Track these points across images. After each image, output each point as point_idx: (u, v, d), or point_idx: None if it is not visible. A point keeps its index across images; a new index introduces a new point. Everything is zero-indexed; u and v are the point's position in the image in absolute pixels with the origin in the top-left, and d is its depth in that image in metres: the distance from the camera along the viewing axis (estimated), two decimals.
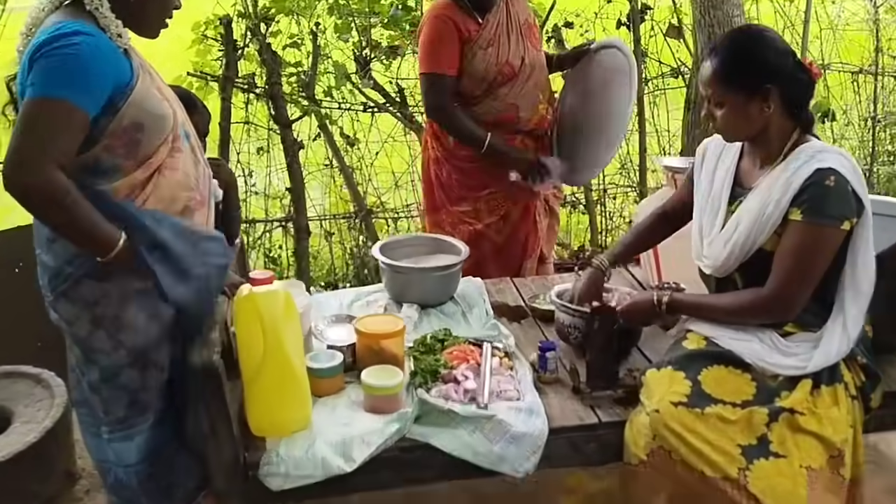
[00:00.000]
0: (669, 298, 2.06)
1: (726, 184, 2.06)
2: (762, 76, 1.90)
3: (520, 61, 2.98)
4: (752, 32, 2.07)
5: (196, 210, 1.97)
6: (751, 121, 1.93)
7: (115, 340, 1.89)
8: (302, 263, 4.16)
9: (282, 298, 1.91)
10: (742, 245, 1.94)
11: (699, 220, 2.12)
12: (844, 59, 4.97)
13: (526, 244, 3.16)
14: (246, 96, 4.21)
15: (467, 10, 2.95)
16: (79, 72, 1.71)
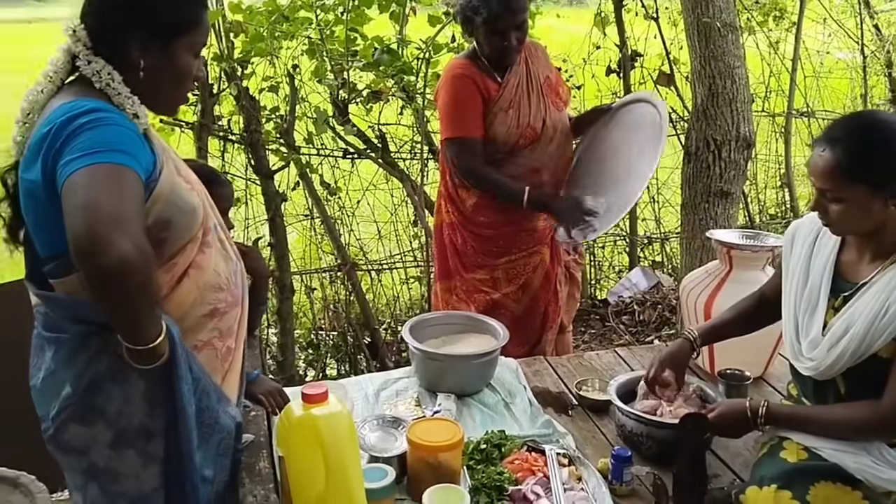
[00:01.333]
0: (767, 411, 1.86)
1: (826, 276, 1.89)
2: (891, 171, 1.73)
3: (541, 123, 2.82)
4: (876, 122, 1.85)
5: (226, 312, 1.68)
6: (871, 218, 1.76)
7: (146, 455, 1.56)
8: (286, 325, 3.86)
9: (346, 421, 1.65)
10: (854, 351, 1.77)
11: (793, 315, 1.94)
12: (827, 106, 4.97)
13: (546, 315, 2.98)
14: (222, 144, 3.91)
15: (486, 69, 2.79)
16: (124, 141, 1.43)
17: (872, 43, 5.05)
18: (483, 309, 2.86)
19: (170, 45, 1.55)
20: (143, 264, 1.32)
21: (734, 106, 3.82)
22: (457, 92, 2.76)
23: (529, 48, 2.86)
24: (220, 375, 1.68)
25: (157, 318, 1.44)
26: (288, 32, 3.93)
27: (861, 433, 1.77)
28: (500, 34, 2.67)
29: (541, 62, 2.90)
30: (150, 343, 1.42)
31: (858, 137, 1.76)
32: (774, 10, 4.81)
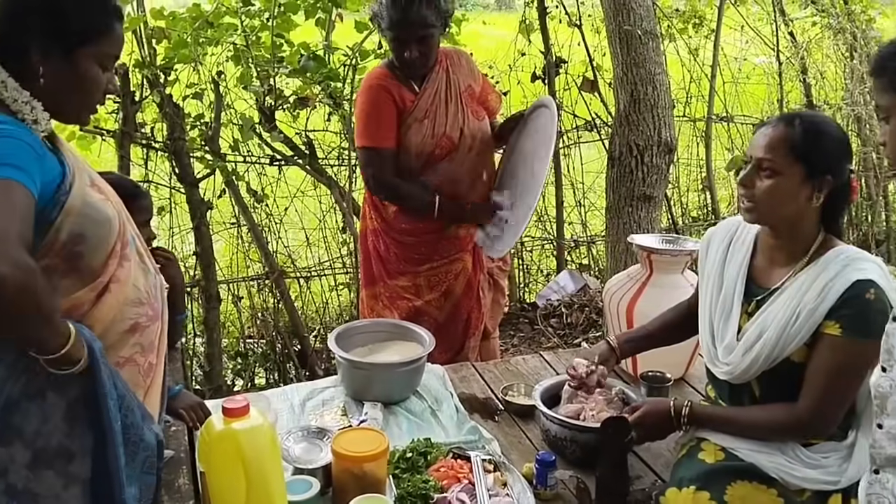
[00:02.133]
0: (689, 411, 1.90)
1: (739, 282, 1.94)
2: (830, 162, 1.80)
3: (459, 133, 2.80)
4: (830, 121, 1.96)
5: (147, 327, 1.64)
6: (795, 203, 1.81)
7: (66, 476, 1.50)
8: (213, 334, 3.79)
9: (267, 434, 1.64)
10: (767, 356, 1.82)
11: (709, 320, 1.99)
12: (745, 111, 5.13)
13: (468, 322, 2.97)
14: (145, 152, 3.83)
15: (403, 78, 2.78)
16: (16, 153, 1.37)
17: (788, 49, 5.24)
18: (406, 316, 2.85)
19: (73, 54, 1.49)
20: (20, 282, 1.28)
21: (656, 112, 3.92)
22: (370, 101, 2.77)
23: (451, 56, 2.85)
24: (143, 391, 1.65)
25: (56, 328, 1.39)
26: (212, 38, 3.87)
27: (777, 434, 1.83)
28: (402, 44, 2.66)
29: (463, 71, 2.88)
30: (56, 352, 1.39)
31: (813, 123, 1.82)
32: (694, 17, 4.95)
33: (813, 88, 5.26)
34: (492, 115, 2.98)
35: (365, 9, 4.38)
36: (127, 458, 1.56)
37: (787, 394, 1.82)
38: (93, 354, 1.46)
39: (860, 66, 4.97)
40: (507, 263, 3.21)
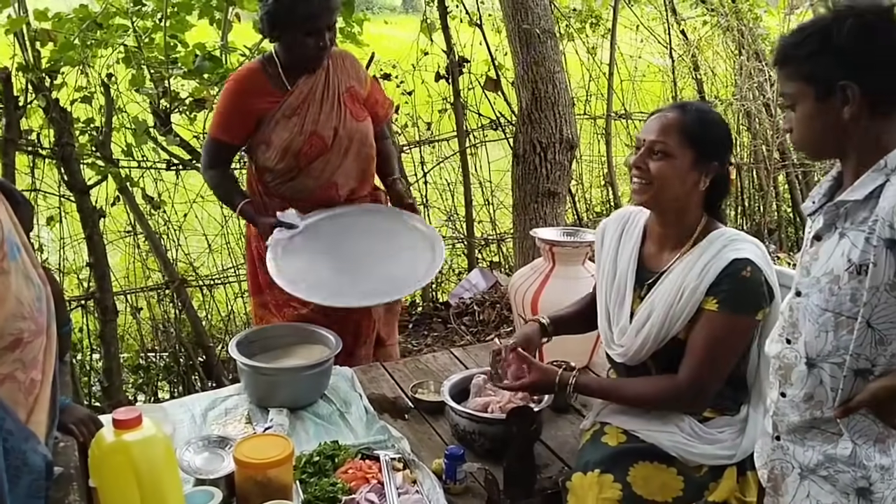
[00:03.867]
0: (576, 380, 1.95)
1: (631, 267, 2.00)
2: (716, 149, 1.89)
3: (332, 132, 2.71)
4: (717, 113, 2.04)
5: (30, 342, 1.54)
6: (683, 186, 1.87)
7: None
8: (111, 348, 3.63)
9: (162, 446, 1.56)
10: (656, 335, 1.88)
11: (605, 305, 2.04)
12: (643, 108, 5.27)
13: (358, 330, 2.85)
14: (31, 160, 3.64)
15: (275, 76, 2.71)
16: None
17: (680, 48, 5.41)
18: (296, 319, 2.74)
19: None
20: None
21: (556, 109, 3.98)
22: (226, 96, 2.75)
23: (335, 57, 2.77)
24: (26, 410, 1.55)
25: None
26: (101, 40, 3.72)
27: (658, 402, 1.90)
28: (315, 35, 2.59)
29: (346, 71, 2.79)
30: None
31: (704, 113, 1.92)
32: (590, 17, 5.05)
33: (705, 85, 5.45)
34: (380, 120, 2.91)
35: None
36: (9, 483, 1.46)
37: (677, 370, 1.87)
38: None
39: (748, 62, 5.17)
40: None
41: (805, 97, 1.43)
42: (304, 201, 2.76)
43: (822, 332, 1.44)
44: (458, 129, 4.71)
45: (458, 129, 4.71)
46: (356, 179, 2.82)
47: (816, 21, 1.45)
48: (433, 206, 4.91)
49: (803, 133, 1.47)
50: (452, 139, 4.79)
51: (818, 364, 1.46)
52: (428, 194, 4.85)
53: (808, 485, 1.53)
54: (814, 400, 1.48)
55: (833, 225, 1.45)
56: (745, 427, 1.89)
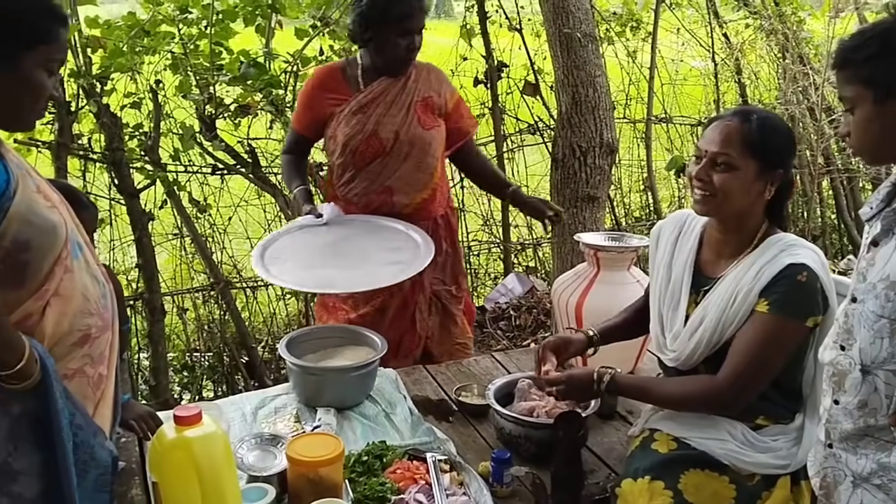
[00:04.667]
0: (611, 377, 1.94)
1: (687, 273, 1.99)
2: (781, 157, 1.87)
3: (392, 136, 2.73)
4: (780, 118, 2.03)
5: (97, 337, 1.61)
6: (746, 197, 1.86)
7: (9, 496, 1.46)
8: (159, 348, 3.71)
9: (221, 441, 1.61)
10: (709, 339, 1.87)
11: (658, 310, 2.04)
12: (683, 112, 5.25)
13: (400, 343, 2.86)
14: (82, 163, 3.73)
15: (352, 77, 2.79)
16: None
17: (722, 51, 5.37)
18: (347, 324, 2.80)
19: (18, 59, 1.46)
20: None
21: (597, 114, 3.98)
22: (303, 88, 2.90)
23: (420, 67, 2.82)
24: (93, 404, 1.61)
25: (12, 342, 1.36)
26: (149, 47, 3.80)
27: (695, 403, 1.89)
28: (406, 35, 2.65)
29: (427, 82, 2.83)
30: (10, 368, 1.35)
31: (768, 120, 1.88)
32: (631, 21, 5.05)
33: (747, 88, 5.40)
34: (464, 134, 2.94)
35: (305, 16, 4.38)
36: (77, 477, 1.51)
37: None
38: (45, 371, 1.42)
39: (792, 66, 5.12)
40: (460, 289, 3.00)
41: (863, 101, 1.43)
42: (362, 207, 2.80)
43: (878, 339, 1.43)
44: (496, 133, 4.73)
45: (496, 134, 4.73)
46: (413, 188, 2.80)
47: (876, 25, 1.45)
48: (469, 210, 4.94)
49: (861, 137, 1.47)
50: (490, 144, 4.82)
51: (873, 371, 1.45)
52: (464, 199, 4.88)
53: (860, 493, 1.52)
54: (868, 407, 1.47)
55: (891, 230, 1.45)
56: (801, 437, 1.87)
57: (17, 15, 1.47)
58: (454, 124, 2.90)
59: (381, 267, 2.59)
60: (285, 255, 2.66)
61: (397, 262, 2.61)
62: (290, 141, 2.98)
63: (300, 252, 2.67)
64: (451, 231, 2.96)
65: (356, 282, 2.59)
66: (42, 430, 1.45)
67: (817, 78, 5.07)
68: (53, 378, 1.43)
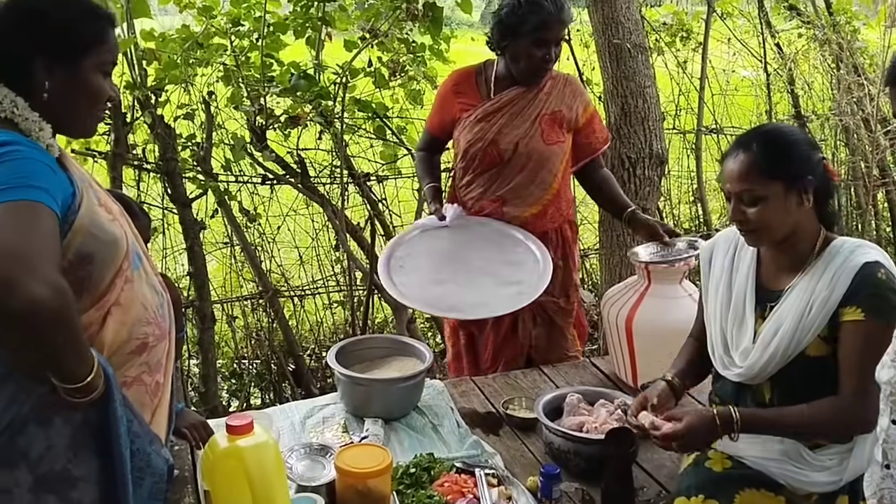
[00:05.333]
0: (742, 419, 1.81)
1: (749, 289, 1.94)
2: (803, 165, 1.81)
3: (511, 147, 2.73)
4: (781, 127, 2.00)
5: (155, 346, 1.63)
6: (788, 217, 1.81)
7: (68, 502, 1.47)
8: (209, 355, 3.76)
9: (272, 451, 1.63)
10: (784, 350, 1.81)
11: (720, 330, 1.97)
12: (734, 123, 5.17)
13: (500, 351, 2.87)
14: (137, 173, 3.81)
15: (485, 82, 2.82)
16: (37, 175, 1.37)
17: (775, 61, 5.28)
18: (447, 331, 2.98)
19: (76, 65, 1.50)
20: (55, 303, 1.27)
21: (646, 124, 3.94)
22: (439, 91, 2.97)
23: (557, 79, 2.82)
24: (150, 411, 1.64)
25: (85, 355, 1.39)
26: (202, 59, 3.88)
27: (826, 428, 1.80)
28: (542, 45, 2.66)
29: (561, 95, 2.81)
30: (80, 381, 1.38)
31: (770, 138, 1.84)
32: (681, 31, 4.99)
33: (801, 99, 5.30)
34: (593, 150, 2.90)
35: (354, 28, 4.42)
36: (133, 485, 1.54)
37: (799, 395, 1.81)
38: (108, 381, 1.45)
39: (847, 76, 5.01)
40: (570, 302, 2.95)
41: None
42: (475, 212, 2.83)
43: None
44: None
45: None
46: (524, 202, 2.79)
47: None
48: None
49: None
50: None
51: None
52: None
53: None
54: None
55: None
56: (852, 448, 1.81)
57: (71, 20, 1.51)
58: (583, 139, 2.86)
59: (501, 288, 2.62)
60: (409, 265, 2.69)
61: (518, 281, 2.64)
62: (423, 140, 3.05)
63: (422, 260, 2.71)
64: (564, 244, 2.91)
65: (476, 308, 2.61)
66: (101, 438, 1.47)
67: (872, 88, 4.94)
68: (114, 387, 1.45)
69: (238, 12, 4.07)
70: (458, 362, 2.97)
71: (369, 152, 4.35)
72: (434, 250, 2.75)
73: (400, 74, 4.31)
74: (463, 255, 2.71)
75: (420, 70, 4.34)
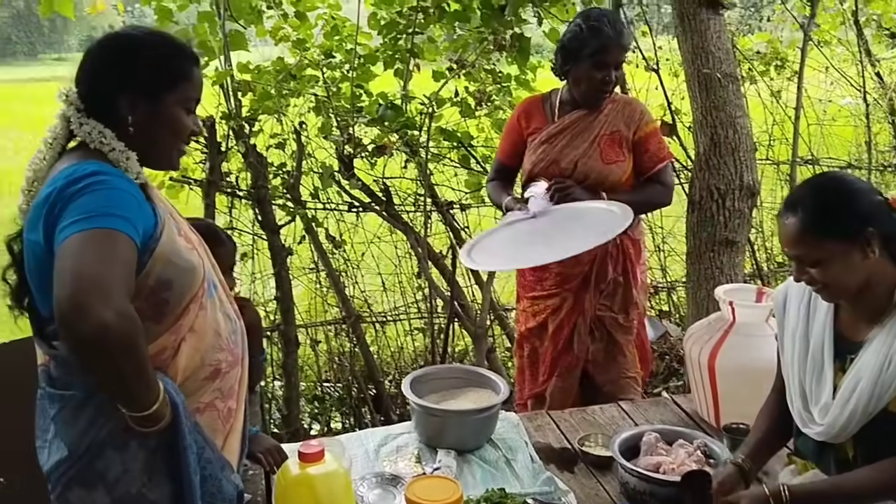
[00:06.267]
0: (791, 493, 1.75)
1: (827, 340, 1.85)
2: (860, 219, 1.73)
3: (571, 166, 2.82)
4: (830, 178, 1.91)
5: (228, 372, 1.68)
6: (856, 272, 1.73)
7: None
8: (292, 379, 3.85)
9: (342, 479, 1.65)
10: (864, 407, 1.73)
11: (798, 383, 1.90)
12: (832, 153, 4.99)
13: (557, 361, 2.91)
14: (229, 200, 3.96)
15: (550, 106, 2.93)
16: (120, 204, 1.45)
17: (875, 90, 5.08)
18: (518, 339, 3.07)
19: (159, 101, 1.58)
20: (124, 330, 1.33)
21: (737, 155, 3.83)
22: (508, 120, 3.07)
23: (619, 101, 2.91)
24: (222, 437, 1.68)
25: (151, 384, 1.44)
26: (295, 90, 4.01)
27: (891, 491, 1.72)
28: (601, 68, 2.74)
29: (622, 116, 2.88)
30: (146, 410, 1.43)
31: (816, 194, 1.77)
32: (776, 59, 4.86)
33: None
34: (644, 170, 2.90)
35: (442, 59, 4.49)
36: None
37: (883, 453, 1.72)
38: (176, 411, 1.50)
39: None
40: (629, 320, 2.95)
41: None
42: None
43: None
44: None
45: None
46: None
47: None
48: None
49: None
50: None
51: None
52: None
53: None
54: None
55: None
56: None
57: (159, 58, 1.59)
58: (637, 157, 2.90)
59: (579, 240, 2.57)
60: (491, 248, 2.72)
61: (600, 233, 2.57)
62: (493, 168, 3.11)
63: (507, 243, 2.73)
64: (625, 260, 2.91)
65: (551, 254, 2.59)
66: (175, 463, 1.52)
67: None
68: (183, 415, 1.50)
69: (331, 45, 4.21)
70: (521, 375, 3.07)
71: (454, 180, 4.39)
72: (518, 235, 2.75)
73: (486, 104, 4.36)
74: (549, 232, 2.71)
75: (506, 99, 4.37)
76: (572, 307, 2.89)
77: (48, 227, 1.43)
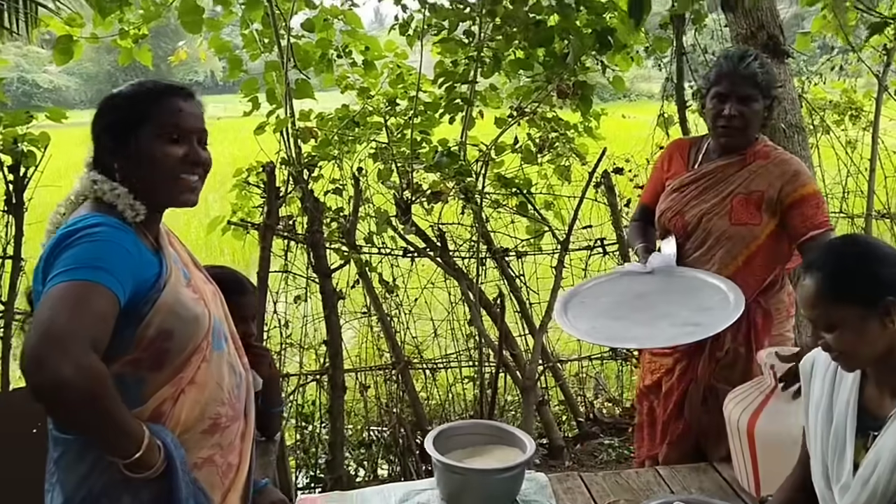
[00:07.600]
0: None
1: (850, 415, 1.74)
2: (879, 286, 1.63)
3: (695, 220, 2.62)
4: (852, 241, 1.83)
5: (227, 426, 1.67)
6: (872, 341, 1.63)
7: None
8: (336, 423, 3.85)
9: None
10: (884, 490, 1.62)
11: (821, 460, 1.79)
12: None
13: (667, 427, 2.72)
14: (285, 243, 4.03)
15: (695, 150, 2.75)
16: (106, 257, 1.47)
17: None
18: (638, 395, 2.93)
19: (132, 139, 1.60)
20: (82, 384, 1.35)
21: None
22: (655, 162, 2.96)
23: (771, 158, 2.61)
24: (221, 493, 1.67)
25: (126, 431, 1.45)
26: (358, 136, 4.08)
27: None
28: (722, 99, 2.54)
29: (765, 175, 2.58)
30: (128, 457, 1.44)
31: (835, 258, 1.69)
32: (850, 109, 4.67)
33: None
34: (797, 236, 2.56)
35: (504, 106, 4.50)
36: None
37: None
38: (171, 461, 1.50)
39: None
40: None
41: None
42: None
43: None
44: None
45: None
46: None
47: None
48: None
49: None
50: None
51: None
52: None
53: None
54: None
55: None
56: None
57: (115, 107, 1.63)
58: (790, 221, 2.57)
59: (674, 328, 2.45)
60: (591, 302, 2.63)
61: (696, 323, 2.44)
62: (636, 210, 3.00)
63: (607, 299, 2.63)
64: (748, 328, 2.62)
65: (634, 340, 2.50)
66: None
67: None
68: (180, 469, 1.51)
69: (395, 92, 4.28)
70: (640, 432, 2.90)
71: (510, 228, 4.36)
72: (624, 291, 2.63)
73: (548, 150, 4.33)
74: (653, 298, 2.57)
75: (567, 147, 4.34)
76: (684, 371, 2.68)
77: (46, 276, 1.47)
